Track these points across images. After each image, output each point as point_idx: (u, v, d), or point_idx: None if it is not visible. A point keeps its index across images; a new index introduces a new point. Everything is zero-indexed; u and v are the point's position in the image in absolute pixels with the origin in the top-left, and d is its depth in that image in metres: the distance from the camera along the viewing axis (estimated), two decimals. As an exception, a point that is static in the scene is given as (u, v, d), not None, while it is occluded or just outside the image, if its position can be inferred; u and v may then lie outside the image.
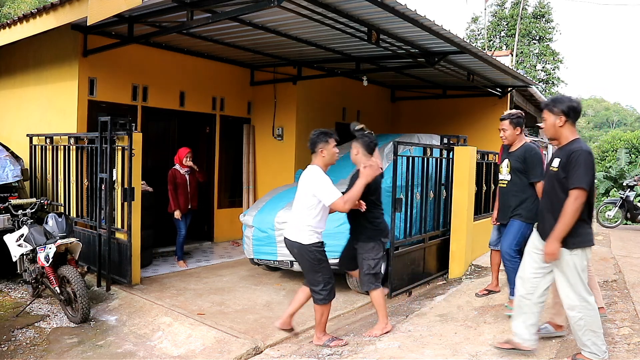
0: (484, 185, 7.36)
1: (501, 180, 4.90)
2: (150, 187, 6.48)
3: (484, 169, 7.34)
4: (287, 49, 7.32)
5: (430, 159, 6.13)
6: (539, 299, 3.53)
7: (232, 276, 6.28)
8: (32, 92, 7.25)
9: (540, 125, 3.79)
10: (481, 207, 7.33)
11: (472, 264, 6.72)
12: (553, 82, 27.40)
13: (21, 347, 4.22)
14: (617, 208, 10.52)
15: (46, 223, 5.06)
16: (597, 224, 10.57)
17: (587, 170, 3.13)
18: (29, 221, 5.31)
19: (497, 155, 8.03)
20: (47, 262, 4.70)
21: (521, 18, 25.74)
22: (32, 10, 5.88)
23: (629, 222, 10.99)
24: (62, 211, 6.08)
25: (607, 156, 20.88)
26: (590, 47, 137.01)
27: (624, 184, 11.36)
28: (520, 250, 4.33)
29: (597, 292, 4.19)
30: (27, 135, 6.96)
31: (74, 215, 6.16)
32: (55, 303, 5.17)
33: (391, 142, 5.87)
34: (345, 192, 3.97)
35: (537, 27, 26.97)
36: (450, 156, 6.36)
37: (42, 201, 5.64)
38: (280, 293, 5.69)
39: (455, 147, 6.34)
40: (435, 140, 7.04)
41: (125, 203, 5.46)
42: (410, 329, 4.42)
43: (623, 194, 10.62)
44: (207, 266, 6.85)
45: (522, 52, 26.12)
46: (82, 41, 6.44)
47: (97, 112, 6.43)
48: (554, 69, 27.44)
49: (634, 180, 10.90)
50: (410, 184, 5.77)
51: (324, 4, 4.87)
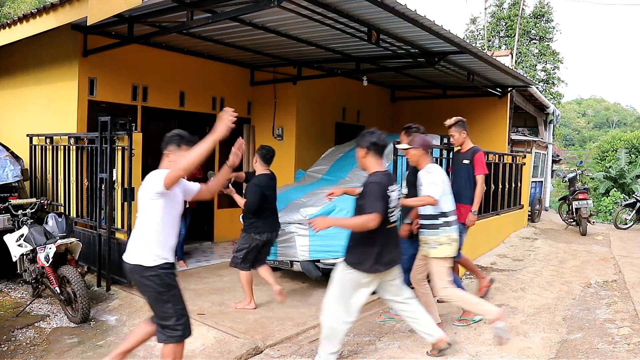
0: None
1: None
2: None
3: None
4: (287, 49, 7.32)
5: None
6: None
7: (232, 276, 6.27)
8: (32, 92, 7.25)
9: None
10: (481, 207, 7.32)
11: (472, 264, 6.71)
12: (553, 82, 27.40)
13: (21, 347, 4.22)
14: (634, 211, 10.52)
15: (46, 223, 5.06)
16: (613, 225, 10.67)
17: (377, 198, 3.39)
18: (29, 221, 5.31)
19: (497, 155, 8.05)
20: (47, 262, 4.70)
21: (520, 18, 25.72)
22: (32, 10, 5.88)
23: None
24: (62, 211, 6.07)
25: (607, 156, 20.86)
26: (590, 47, 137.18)
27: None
28: None
29: (433, 308, 4.30)
30: (27, 135, 6.95)
31: (74, 215, 6.15)
32: (55, 303, 5.17)
33: (391, 143, 5.85)
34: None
35: (537, 27, 26.97)
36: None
37: (42, 201, 5.65)
38: (280, 293, 5.70)
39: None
40: (435, 140, 7.03)
41: (125, 203, 5.46)
42: (410, 329, 4.42)
43: (639, 196, 10.62)
44: (207, 266, 6.85)
45: (521, 52, 26.11)
46: (82, 41, 6.44)
47: (97, 112, 6.42)
48: (553, 69, 27.43)
49: None
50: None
51: (324, 4, 4.87)
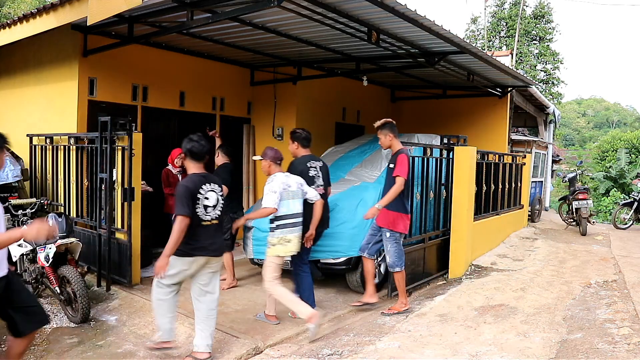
0: (484, 185, 7.37)
1: None
2: (150, 187, 6.47)
3: (484, 169, 7.34)
4: (287, 49, 7.31)
5: (430, 159, 6.13)
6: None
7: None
8: (32, 92, 7.25)
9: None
10: (481, 207, 7.33)
11: (472, 264, 6.72)
12: (553, 82, 27.41)
13: (21, 347, 4.22)
14: (632, 211, 10.50)
15: (46, 223, 5.05)
16: (612, 225, 10.66)
17: (182, 202, 3.80)
18: (29, 221, 5.31)
19: (497, 155, 8.05)
20: (47, 262, 4.70)
21: (521, 18, 25.73)
22: (32, 10, 5.88)
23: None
24: (62, 211, 6.08)
25: (607, 156, 20.87)
26: (590, 47, 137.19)
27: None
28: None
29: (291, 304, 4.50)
30: (27, 135, 6.95)
31: (74, 215, 6.15)
32: (55, 303, 5.17)
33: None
34: None
35: (537, 27, 26.97)
36: (450, 156, 6.36)
37: (42, 201, 5.64)
38: (280, 293, 5.69)
39: (455, 147, 6.34)
40: (435, 140, 7.04)
41: (125, 203, 5.47)
42: (410, 329, 4.42)
43: (636, 196, 10.59)
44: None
45: (521, 52, 26.11)
46: (82, 41, 6.44)
47: (97, 112, 6.41)
48: (553, 69, 27.45)
49: None
50: (410, 184, 5.77)
51: (324, 4, 4.86)
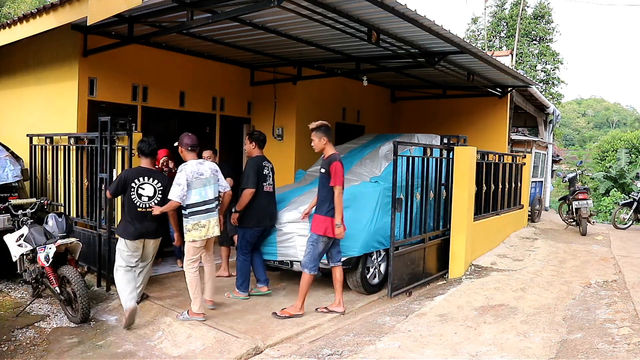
0: (484, 185, 7.37)
1: None
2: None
3: (484, 169, 7.34)
4: (287, 49, 7.31)
5: (430, 159, 6.13)
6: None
7: (232, 276, 6.27)
8: (32, 92, 7.25)
9: None
10: (481, 207, 7.33)
11: (472, 264, 6.72)
12: (553, 82, 27.41)
13: (21, 347, 4.22)
14: (632, 211, 10.48)
15: (46, 223, 5.06)
16: (612, 225, 10.64)
17: (115, 186, 4.68)
18: (29, 221, 5.31)
19: (497, 156, 8.06)
20: (47, 262, 4.70)
21: (521, 18, 25.72)
22: (32, 10, 5.88)
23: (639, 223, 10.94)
24: (62, 211, 6.07)
25: (607, 156, 20.87)
26: (590, 47, 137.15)
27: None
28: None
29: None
30: (27, 135, 6.96)
31: (74, 215, 6.15)
32: (55, 303, 5.17)
33: (391, 142, 5.86)
34: None
35: (537, 27, 26.97)
36: (450, 156, 6.36)
37: (42, 201, 5.65)
38: (280, 293, 5.70)
39: (455, 147, 6.34)
40: (435, 140, 7.04)
41: (125, 203, 5.46)
42: (410, 329, 4.42)
43: (636, 196, 10.58)
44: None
45: (522, 52, 26.11)
46: (82, 41, 6.44)
47: (97, 112, 6.41)
48: (553, 70, 27.45)
49: None
50: (410, 184, 5.77)
51: (324, 4, 4.86)
